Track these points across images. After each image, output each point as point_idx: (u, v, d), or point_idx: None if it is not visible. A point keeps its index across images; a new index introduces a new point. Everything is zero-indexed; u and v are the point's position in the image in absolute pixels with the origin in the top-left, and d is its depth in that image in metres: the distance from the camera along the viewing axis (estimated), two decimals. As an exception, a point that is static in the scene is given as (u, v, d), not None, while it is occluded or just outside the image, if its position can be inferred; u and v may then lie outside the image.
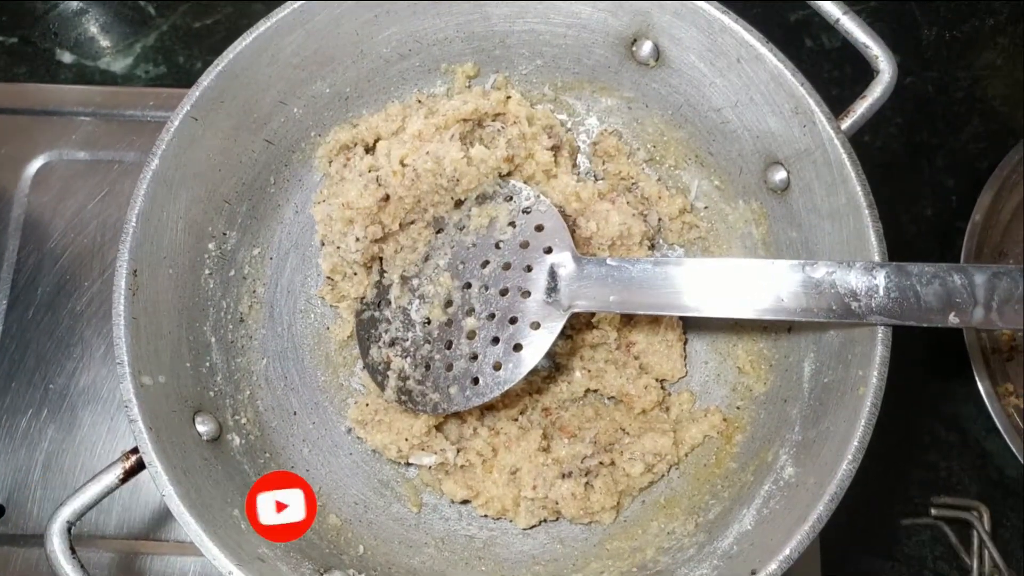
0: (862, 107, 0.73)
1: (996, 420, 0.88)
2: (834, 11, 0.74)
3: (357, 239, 0.77)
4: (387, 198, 0.77)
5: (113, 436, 0.90)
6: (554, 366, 0.84)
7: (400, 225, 0.78)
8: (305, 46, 0.77)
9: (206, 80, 0.73)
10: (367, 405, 0.81)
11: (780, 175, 0.76)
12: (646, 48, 0.79)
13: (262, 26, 0.75)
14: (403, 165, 0.76)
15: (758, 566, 0.63)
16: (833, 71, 1.09)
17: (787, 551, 0.63)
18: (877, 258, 0.68)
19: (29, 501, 0.88)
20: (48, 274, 0.95)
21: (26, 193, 0.97)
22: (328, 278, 0.83)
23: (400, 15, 0.79)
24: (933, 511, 0.94)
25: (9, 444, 0.89)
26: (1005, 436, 0.88)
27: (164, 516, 0.87)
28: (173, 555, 0.86)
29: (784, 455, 0.72)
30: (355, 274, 0.81)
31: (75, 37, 1.08)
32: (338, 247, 0.80)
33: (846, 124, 0.72)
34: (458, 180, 0.76)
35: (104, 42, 1.08)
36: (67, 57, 1.07)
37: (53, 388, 0.91)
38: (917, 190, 1.05)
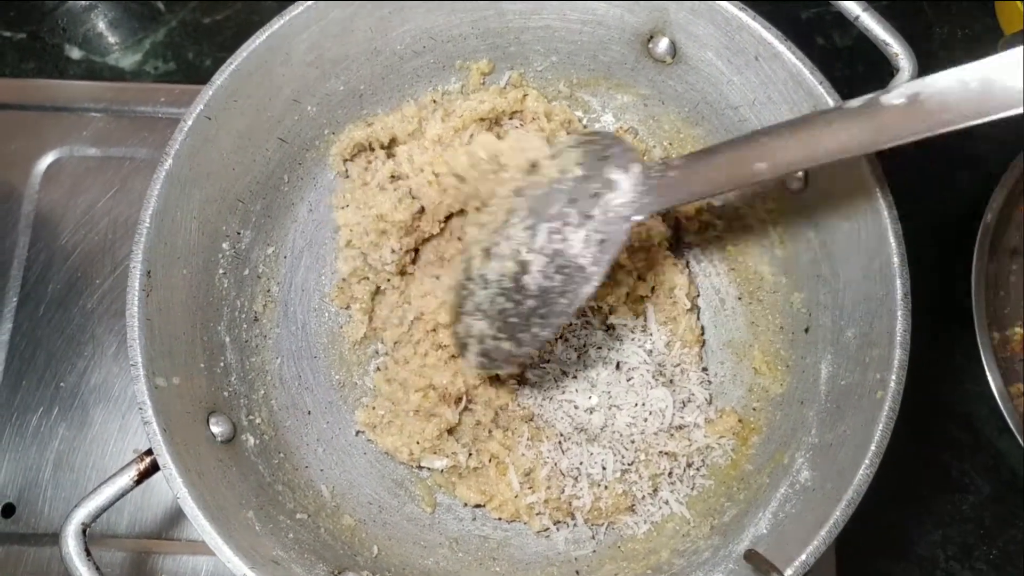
0: (882, 106, 0.72)
1: (1008, 420, 0.87)
2: (854, 8, 0.73)
3: (393, 251, 0.77)
4: (422, 210, 0.76)
5: (124, 434, 0.90)
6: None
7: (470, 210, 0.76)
8: (319, 44, 0.76)
9: (219, 79, 0.72)
10: (374, 408, 0.81)
11: (798, 174, 0.76)
12: (663, 45, 0.79)
13: (275, 24, 0.74)
14: (435, 175, 0.75)
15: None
16: (845, 70, 1.08)
17: (804, 556, 0.63)
18: (896, 261, 0.68)
19: (40, 500, 0.87)
20: (59, 271, 0.94)
21: (36, 190, 0.97)
22: (342, 279, 0.83)
23: (415, 12, 0.78)
24: (945, 511, 0.93)
25: (20, 443, 0.89)
26: (1017, 436, 0.87)
27: (176, 515, 0.87)
28: (185, 555, 0.85)
29: (800, 458, 0.72)
30: (382, 289, 0.81)
31: (84, 33, 1.07)
32: (364, 255, 0.79)
33: (865, 124, 0.71)
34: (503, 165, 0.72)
35: (113, 38, 1.07)
36: (76, 53, 1.07)
37: (64, 386, 0.91)
38: (928, 189, 1.04)
